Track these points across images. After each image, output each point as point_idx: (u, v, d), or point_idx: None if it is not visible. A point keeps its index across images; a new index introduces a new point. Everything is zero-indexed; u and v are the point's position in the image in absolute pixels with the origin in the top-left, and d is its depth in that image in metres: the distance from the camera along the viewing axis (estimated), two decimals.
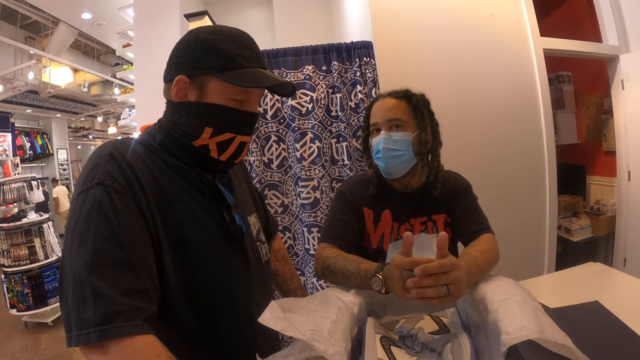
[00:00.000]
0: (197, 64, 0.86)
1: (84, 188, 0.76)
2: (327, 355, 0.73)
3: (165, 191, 0.84)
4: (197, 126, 0.88)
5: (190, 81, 0.87)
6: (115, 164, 0.79)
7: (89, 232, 0.71)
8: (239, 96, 0.89)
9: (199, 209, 0.89)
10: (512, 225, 2.55)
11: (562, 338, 0.77)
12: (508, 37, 2.66)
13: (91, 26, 6.34)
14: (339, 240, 1.28)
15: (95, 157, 0.81)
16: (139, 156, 0.85)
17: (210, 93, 0.87)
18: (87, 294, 0.67)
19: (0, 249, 4.52)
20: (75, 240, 0.71)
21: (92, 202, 0.74)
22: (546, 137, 2.72)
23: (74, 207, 0.76)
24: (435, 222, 1.34)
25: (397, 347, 0.92)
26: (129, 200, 0.76)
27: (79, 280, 0.68)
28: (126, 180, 0.78)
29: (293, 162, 2.20)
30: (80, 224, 0.72)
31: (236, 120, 0.91)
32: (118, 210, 0.74)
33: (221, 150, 0.91)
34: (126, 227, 0.74)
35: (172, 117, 0.91)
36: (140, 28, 3.59)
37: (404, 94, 1.31)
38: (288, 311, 0.81)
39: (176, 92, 0.87)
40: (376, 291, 1.02)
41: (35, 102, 8.81)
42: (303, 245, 2.19)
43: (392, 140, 1.27)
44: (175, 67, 0.89)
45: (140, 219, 0.77)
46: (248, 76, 0.87)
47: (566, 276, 1.62)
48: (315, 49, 2.25)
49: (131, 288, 0.70)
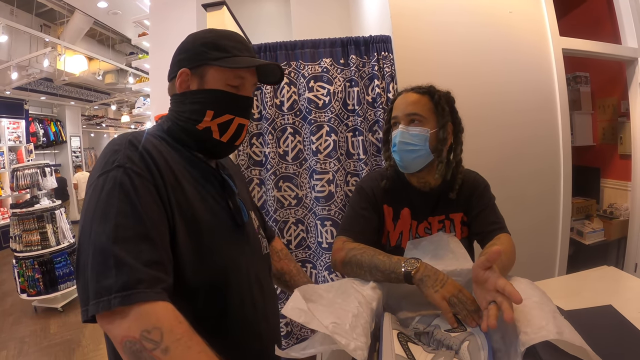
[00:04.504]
0: (197, 57, 0.97)
1: (104, 170, 0.80)
2: (348, 350, 0.74)
3: (177, 175, 0.90)
4: (200, 110, 0.97)
5: (191, 73, 0.97)
6: (134, 150, 0.85)
7: (111, 209, 0.75)
8: (235, 82, 0.99)
9: (207, 193, 0.96)
10: (525, 225, 2.53)
11: (579, 340, 0.77)
12: (527, 36, 2.64)
13: (107, 15, 6.38)
14: (358, 235, 1.28)
15: (114, 145, 0.87)
16: (153, 144, 0.91)
17: (209, 81, 0.97)
18: (109, 262, 0.70)
19: (13, 234, 4.56)
20: (97, 216, 0.75)
21: (113, 182, 0.78)
22: (562, 138, 2.69)
23: (93, 188, 0.79)
24: (452, 221, 1.33)
25: (414, 343, 0.92)
26: (147, 182, 0.81)
27: (101, 251, 0.72)
28: (144, 164, 0.84)
29: (308, 154, 2.20)
30: (102, 202, 0.76)
31: (234, 103, 1.00)
32: (138, 189, 0.79)
33: (222, 131, 0.99)
34: (145, 205, 0.78)
35: (177, 107, 1.00)
36: (157, 17, 3.61)
37: (427, 89, 1.31)
38: (309, 300, 0.81)
39: (180, 83, 0.97)
40: (403, 273, 1.04)
41: (49, 89, 8.89)
42: (316, 239, 2.20)
43: (409, 134, 1.27)
44: (177, 63, 0.99)
45: (157, 199, 0.82)
46: (240, 61, 0.98)
47: (580, 279, 1.61)
48: (333, 42, 2.24)
49: (151, 259, 0.74)
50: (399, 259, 1.09)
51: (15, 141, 8.45)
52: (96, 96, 10.77)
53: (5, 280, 5.85)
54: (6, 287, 5.49)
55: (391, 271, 1.07)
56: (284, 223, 2.23)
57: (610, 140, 3.70)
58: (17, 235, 4.52)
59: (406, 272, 1.04)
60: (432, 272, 1.02)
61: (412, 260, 1.06)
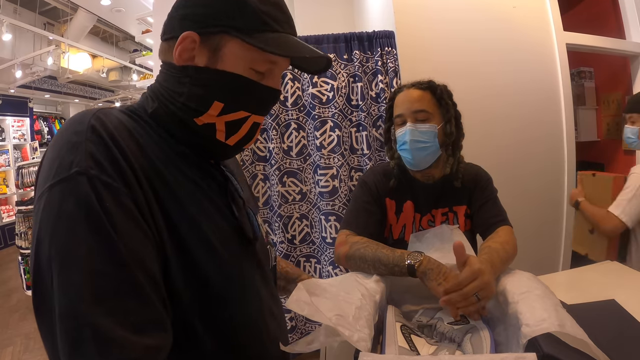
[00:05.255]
0: (214, 19, 0.68)
1: (59, 179, 0.54)
2: (352, 341, 0.75)
3: (164, 178, 0.64)
4: (204, 99, 0.69)
5: (201, 40, 0.68)
6: (100, 144, 0.57)
7: (77, 248, 0.51)
8: (262, 67, 0.71)
9: (206, 201, 0.70)
10: (530, 220, 2.53)
11: (581, 333, 0.78)
12: (531, 31, 2.63)
13: (110, 12, 6.37)
14: (362, 229, 1.29)
15: (70, 133, 0.59)
16: (128, 132, 0.64)
17: (226, 58, 0.68)
18: (85, 334, 0.48)
19: (18, 231, 4.60)
20: (58, 257, 0.51)
21: (74, 201, 0.53)
22: (566, 133, 2.69)
23: (45, 206, 0.54)
24: (456, 213, 1.34)
25: (417, 336, 0.93)
26: (123, 197, 0.56)
27: (71, 316, 0.49)
28: (116, 168, 0.57)
29: (312, 150, 2.21)
30: (62, 235, 0.52)
31: (256, 96, 0.73)
32: (111, 213, 0.54)
33: (230, 132, 0.73)
34: (125, 235, 0.54)
35: (169, 84, 0.71)
36: (160, 14, 3.60)
37: (428, 85, 1.30)
38: (313, 294, 0.82)
39: (180, 52, 0.68)
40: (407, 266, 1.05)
41: (53, 87, 8.89)
42: (320, 234, 2.21)
43: (419, 132, 1.26)
44: (181, 20, 0.70)
45: (139, 220, 0.58)
46: (280, 42, 0.69)
47: (583, 273, 1.61)
48: (336, 37, 2.24)
49: (144, 320, 0.53)
50: (403, 253, 1.09)
51: (20, 139, 8.47)
52: (100, 94, 10.77)
53: (11, 277, 5.87)
54: (12, 284, 5.51)
55: (395, 264, 1.07)
56: (288, 218, 2.24)
57: (614, 135, 3.68)
58: (23, 233, 4.55)
59: (409, 265, 1.04)
60: (435, 266, 1.02)
61: (416, 254, 1.07)
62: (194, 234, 0.65)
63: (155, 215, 0.60)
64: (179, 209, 0.64)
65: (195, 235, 0.65)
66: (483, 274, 0.92)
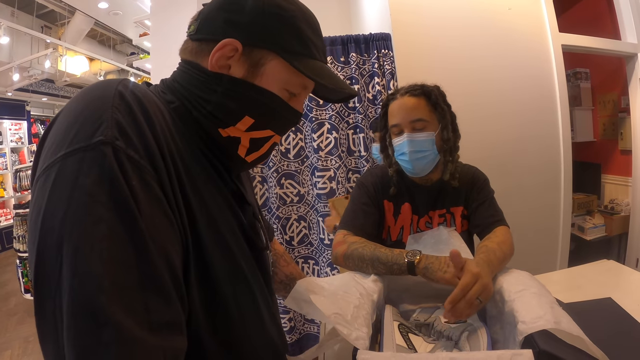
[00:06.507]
0: (263, 34, 0.65)
1: (78, 147, 0.46)
2: (350, 339, 0.75)
3: (189, 170, 0.59)
4: (235, 112, 0.66)
5: (243, 52, 0.65)
6: (129, 115, 0.51)
7: (96, 229, 0.43)
8: (296, 89, 0.70)
9: (225, 204, 0.67)
10: (527, 221, 2.54)
11: (577, 330, 0.78)
12: (527, 32, 2.65)
13: (107, 15, 6.37)
14: (359, 229, 1.29)
15: (92, 98, 0.52)
16: (159, 109, 0.58)
17: (266, 75, 0.66)
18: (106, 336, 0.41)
19: (16, 234, 4.58)
20: (71, 239, 0.42)
21: (96, 175, 0.44)
22: (562, 134, 2.70)
23: (57, 177, 0.45)
24: (453, 214, 1.35)
25: (415, 334, 0.93)
26: (150, 179, 0.49)
27: (86, 310, 0.41)
28: (145, 144, 0.50)
29: (310, 152, 2.22)
30: (79, 212, 0.43)
31: (284, 117, 0.72)
32: (137, 194, 0.47)
33: (253, 149, 0.71)
34: (151, 223, 0.47)
35: (195, 88, 0.67)
36: (158, 17, 3.61)
37: (422, 90, 1.29)
38: (311, 292, 0.82)
39: (218, 58, 0.64)
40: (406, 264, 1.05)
41: (51, 90, 8.88)
42: (318, 235, 2.21)
43: (417, 141, 1.26)
44: (225, 25, 0.65)
45: (167, 208, 0.51)
46: (323, 71, 0.70)
47: (580, 272, 1.62)
48: (333, 40, 2.25)
49: (164, 320, 0.47)
50: (401, 251, 1.10)
51: (18, 142, 8.44)
52: None
53: (9, 280, 5.85)
54: (10, 287, 5.49)
55: (393, 262, 1.08)
56: (286, 220, 2.24)
57: (610, 135, 3.70)
58: (21, 236, 4.53)
59: (409, 262, 1.05)
60: (434, 259, 1.03)
61: (414, 251, 1.07)
62: (212, 233, 0.60)
63: (179, 205, 0.54)
64: (200, 204, 0.59)
65: (213, 235, 0.60)
66: (482, 276, 0.93)
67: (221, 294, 0.60)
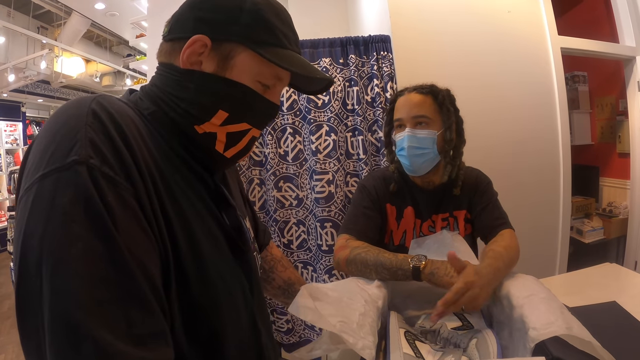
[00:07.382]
0: (231, 27, 0.66)
1: (53, 168, 0.48)
2: (356, 349, 0.73)
3: (165, 177, 0.60)
4: (209, 107, 0.67)
5: (212, 46, 0.66)
6: (102, 132, 0.52)
7: (73, 246, 0.45)
8: (269, 81, 0.71)
9: (204, 209, 0.67)
10: (526, 224, 2.52)
11: (588, 335, 0.77)
12: (526, 35, 2.64)
13: (104, 16, 6.35)
14: (361, 233, 1.27)
15: (67, 117, 0.53)
16: (133, 122, 0.59)
17: (236, 68, 0.67)
18: (85, 350, 0.42)
19: (10, 237, 4.56)
20: (50, 258, 0.45)
21: (71, 194, 0.47)
22: (562, 137, 2.70)
23: (35, 198, 0.47)
24: (456, 218, 1.33)
25: (421, 342, 0.91)
26: (126, 194, 0.51)
27: (67, 327, 0.43)
28: (119, 160, 0.52)
29: (308, 154, 2.19)
30: (56, 232, 0.45)
31: (259, 110, 0.72)
32: (113, 210, 0.48)
33: (230, 143, 0.71)
34: (128, 237, 0.49)
35: (170, 87, 0.68)
36: (154, 18, 3.59)
37: (430, 89, 1.29)
38: (316, 299, 0.81)
39: (188, 55, 0.66)
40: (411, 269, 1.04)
41: (46, 92, 8.83)
42: (316, 241, 2.19)
43: (417, 138, 1.25)
44: (195, 22, 0.67)
45: (143, 221, 0.53)
46: (293, 60, 0.70)
47: (582, 276, 1.61)
48: (332, 41, 2.23)
49: (147, 332, 0.48)
50: (405, 256, 1.08)
51: (13, 144, 8.40)
52: None
53: (2, 283, 5.80)
54: (4, 290, 5.45)
55: (398, 268, 1.06)
56: (284, 223, 2.22)
57: (608, 139, 3.71)
58: None
59: (414, 267, 1.03)
60: (440, 264, 1.02)
61: (419, 256, 1.06)
62: (189, 242, 0.60)
63: (157, 217, 0.55)
64: (178, 213, 0.60)
65: (190, 244, 0.60)
66: (473, 287, 0.92)
67: (201, 303, 0.61)
